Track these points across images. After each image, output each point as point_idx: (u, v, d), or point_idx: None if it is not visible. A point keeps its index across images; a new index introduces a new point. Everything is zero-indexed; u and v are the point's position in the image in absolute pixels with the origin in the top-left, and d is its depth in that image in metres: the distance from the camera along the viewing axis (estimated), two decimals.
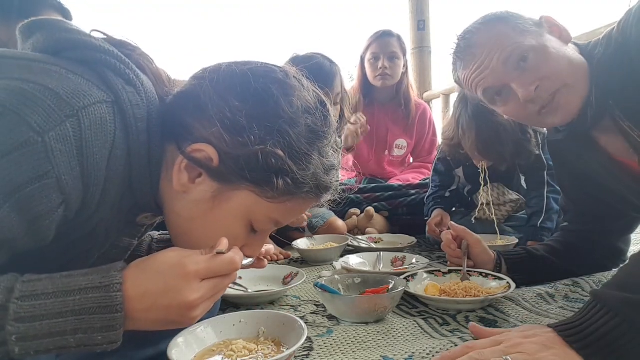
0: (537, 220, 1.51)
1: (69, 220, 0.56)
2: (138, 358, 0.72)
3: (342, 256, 1.42)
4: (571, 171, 1.08)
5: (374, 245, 1.68)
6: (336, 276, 1.06)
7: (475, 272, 1.09)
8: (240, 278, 1.14)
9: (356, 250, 1.62)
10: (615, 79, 0.84)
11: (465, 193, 1.80)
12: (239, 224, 0.64)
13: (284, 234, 1.73)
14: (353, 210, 1.99)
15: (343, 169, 2.17)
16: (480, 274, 1.08)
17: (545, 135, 1.45)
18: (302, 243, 1.61)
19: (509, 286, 0.98)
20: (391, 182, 2.26)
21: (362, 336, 0.83)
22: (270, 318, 0.78)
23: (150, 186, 0.63)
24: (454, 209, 1.85)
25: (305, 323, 0.73)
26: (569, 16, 0.94)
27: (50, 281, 0.50)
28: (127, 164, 0.59)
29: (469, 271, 1.10)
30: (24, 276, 0.50)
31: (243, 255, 0.61)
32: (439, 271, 1.13)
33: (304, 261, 1.55)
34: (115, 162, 0.57)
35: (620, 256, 1.13)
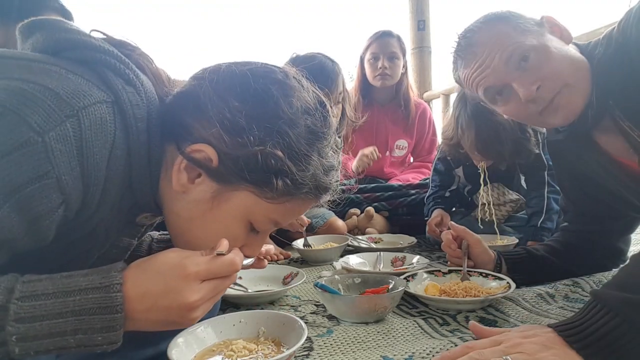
0: (537, 220, 1.51)
1: (69, 220, 0.56)
2: (138, 358, 0.72)
3: (342, 256, 1.42)
4: (571, 171, 1.08)
5: (374, 245, 1.68)
6: (336, 276, 1.06)
7: (475, 272, 1.09)
8: (240, 278, 1.14)
9: (356, 250, 1.62)
10: (615, 79, 0.84)
11: (465, 193, 1.80)
12: (239, 225, 0.64)
13: (284, 234, 1.73)
14: (353, 210, 1.99)
15: (343, 177, 2.17)
16: (480, 274, 1.08)
17: (545, 135, 1.45)
18: (302, 243, 1.61)
19: (509, 286, 0.98)
20: (391, 183, 2.27)
21: (362, 336, 0.83)
22: (270, 318, 0.78)
23: (149, 186, 0.63)
24: (454, 209, 1.85)
25: (305, 323, 0.73)
26: (569, 16, 0.94)
27: (50, 281, 0.50)
28: (127, 164, 0.59)
29: (469, 271, 1.10)
30: (24, 276, 0.50)
31: (243, 256, 0.60)
32: (439, 271, 1.13)
33: (304, 261, 1.55)
34: (115, 162, 0.56)
35: (620, 256, 1.13)
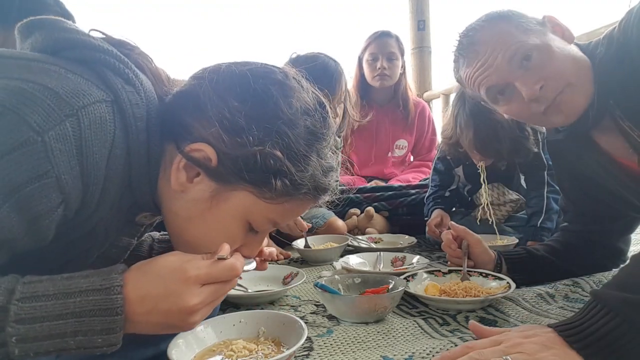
0: (537, 220, 1.51)
1: (69, 219, 0.56)
2: (138, 358, 0.72)
3: (342, 256, 1.42)
4: (571, 171, 1.08)
5: (374, 245, 1.68)
6: (336, 276, 1.06)
7: (475, 272, 1.09)
8: (240, 278, 1.13)
9: (356, 250, 1.62)
10: (616, 79, 0.84)
11: (465, 193, 1.80)
12: (237, 224, 0.64)
13: (284, 234, 1.73)
14: (353, 210, 1.99)
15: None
16: (480, 274, 1.08)
17: (545, 135, 1.45)
18: (302, 243, 1.61)
19: (509, 286, 0.98)
20: (391, 183, 2.26)
21: (362, 336, 0.83)
22: (270, 318, 0.78)
23: (148, 185, 0.63)
24: (454, 209, 1.85)
25: (305, 323, 0.73)
26: (569, 16, 0.94)
27: (51, 283, 0.49)
28: (127, 163, 0.59)
29: (469, 271, 1.10)
30: (25, 277, 0.49)
31: (244, 260, 0.60)
32: (439, 271, 1.13)
33: (304, 261, 1.55)
34: (114, 162, 0.56)
35: (620, 256, 1.13)
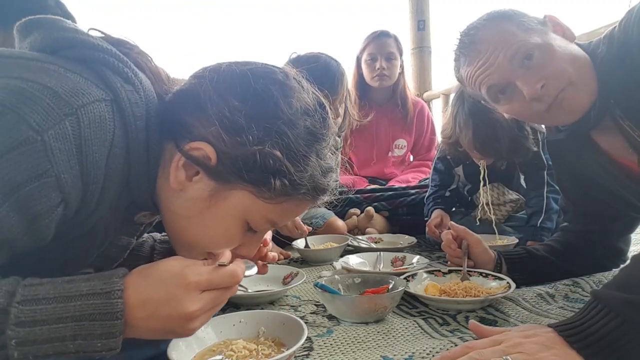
0: (537, 220, 1.51)
1: (68, 219, 0.56)
2: (138, 358, 0.72)
3: (342, 256, 1.42)
4: (571, 171, 1.08)
5: (374, 245, 1.68)
6: (336, 276, 1.06)
7: (475, 272, 1.09)
8: (243, 287, 1.13)
9: (356, 250, 1.62)
10: (616, 78, 0.84)
11: (465, 192, 1.80)
12: (235, 224, 0.64)
13: (284, 234, 1.73)
14: (353, 210, 1.99)
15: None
16: (480, 274, 1.08)
17: (545, 134, 1.45)
18: (302, 243, 1.61)
19: (509, 286, 0.98)
20: (391, 184, 2.26)
21: (362, 336, 0.83)
22: (270, 318, 0.78)
23: (147, 184, 0.63)
24: (454, 209, 1.85)
25: (305, 323, 0.73)
26: (569, 16, 0.94)
27: (52, 286, 0.49)
28: (126, 162, 0.59)
29: (469, 271, 1.10)
30: (26, 280, 0.49)
31: (244, 267, 0.60)
32: (439, 271, 1.13)
33: (304, 261, 1.55)
34: (114, 160, 0.56)
35: (620, 256, 1.13)
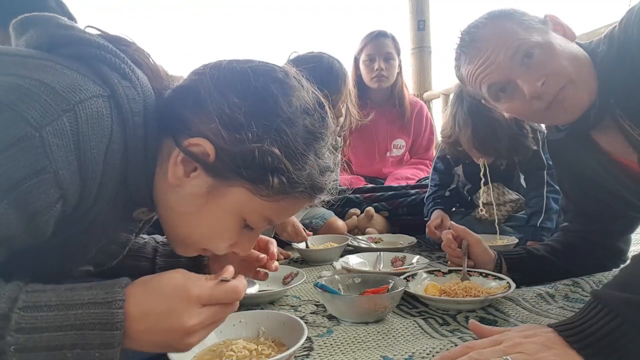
0: (537, 220, 1.51)
1: (67, 215, 0.55)
2: (138, 358, 0.72)
3: (342, 256, 1.42)
4: (571, 171, 1.08)
5: (374, 245, 1.68)
6: (336, 276, 1.06)
7: (475, 272, 1.09)
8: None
9: (356, 250, 1.62)
10: (616, 77, 0.84)
11: (465, 192, 1.80)
12: (232, 220, 0.64)
13: None
14: (353, 210, 1.99)
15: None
16: (480, 274, 1.08)
17: (545, 134, 1.45)
18: (302, 243, 1.61)
19: (509, 286, 0.98)
20: (389, 181, 2.26)
21: (362, 336, 0.83)
22: (270, 318, 0.78)
23: (145, 181, 0.63)
24: (454, 209, 1.85)
25: (305, 323, 0.73)
26: (569, 16, 0.94)
27: (54, 293, 0.49)
28: (124, 158, 0.59)
29: (469, 271, 1.10)
30: (28, 286, 0.49)
31: (246, 283, 0.60)
32: (439, 271, 1.13)
33: (304, 261, 1.55)
34: (112, 156, 0.56)
35: (620, 256, 1.13)
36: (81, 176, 0.53)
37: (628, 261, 0.72)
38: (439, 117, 2.51)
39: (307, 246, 1.59)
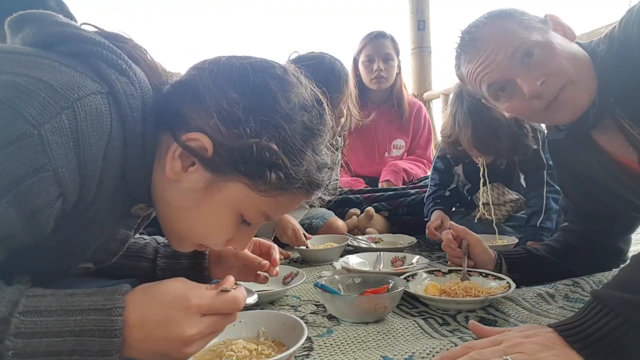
0: (537, 220, 1.51)
1: (66, 213, 0.55)
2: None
3: (342, 256, 1.42)
4: (571, 171, 1.08)
5: (374, 245, 1.68)
6: (336, 276, 1.06)
7: (475, 272, 1.09)
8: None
9: (356, 250, 1.62)
10: (616, 77, 0.84)
11: (464, 192, 1.80)
12: (229, 216, 0.64)
13: None
14: (353, 210, 1.99)
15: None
16: (480, 274, 1.08)
17: (545, 134, 1.45)
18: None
19: (509, 286, 0.98)
20: (385, 173, 2.25)
21: (362, 336, 0.83)
22: (270, 318, 0.78)
23: (143, 177, 0.63)
24: (454, 209, 1.85)
25: (305, 323, 0.73)
26: (569, 16, 0.94)
27: (54, 298, 0.49)
28: (123, 155, 0.59)
29: (469, 271, 1.10)
30: (29, 290, 0.49)
31: (246, 294, 0.60)
32: (439, 271, 1.12)
33: (304, 261, 1.55)
34: (112, 153, 0.56)
35: (620, 256, 1.13)
36: (80, 174, 0.53)
37: (628, 261, 0.72)
38: (439, 117, 2.51)
39: (307, 246, 1.59)
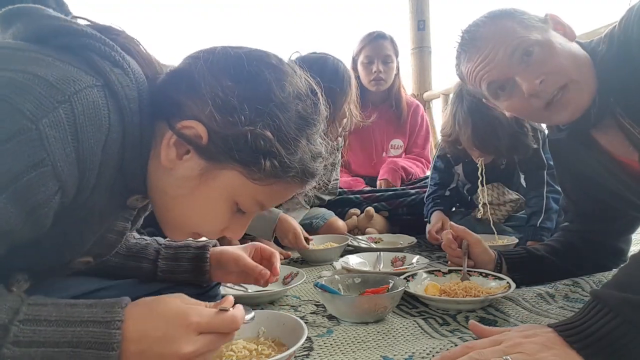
0: (537, 220, 1.51)
1: (65, 206, 0.55)
2: None
3: (342, 256, 1.42)
4: (572, 171, 1.08)
5: (374, 245, 1.68)
6: (336, 276, 1.06)
7: (475, 272, 1.09)
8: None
9: (356, 250, 1.62)
10: (616, 76, 0.84)
11: (465, 192, 1.80)
12: (224, 204, 0.64)
13: None
14: (353, 210, 1.99)
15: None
16: (480, 274, 1.08)
17: (545, 133, 1.45)
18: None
19: (509, 286, 0.98)
20: (384, 171, 2.25)
21: (362, 336, 0.83)
22: (270, 318, 0.78)
23: (140, 168, 0.63)
24: (454, 209, 1.85)
25: (305, 323, 0.73)
26: (569, 16, 0.94)
27: (54, 308, 0.49)
28: (122, 146, 0.59)
29: (469, 271, 1.10)
30: (30, 298, 0.49)
31: (244, 314, 0.60)
32: (439, 271, 1.13)
33: (304, 261, 1.55)
34: (111, 145, 0.56)
35: (620, 256, 1.13)
36: (79, 167, 0.53)
37: (627, 261, 0.72)
38: (439, 117, 2.51)
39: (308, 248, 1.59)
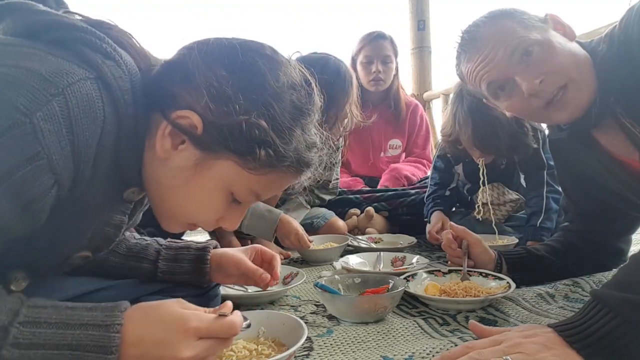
0: (537, 220, 1.51)
1: (61, 199, 0.55)
2: None
3: (342, 256, 1.42)
4: (572, 170, 1.08)
5: (374, 245, 1.68)
6: (336, 276, 1.06)
7: (475, 272, 1.09)
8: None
9: (356, 250, 1.62)
10: (617, 76, 0.84)
11: (465, 192, 1.80)
12: (220, 194, 0.64)
13: None
14: (353, 210, 1.99)
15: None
16: (480, 274, 1.08)
17: (545, 133, 1.45)
18: None
19: (509, 286, 0.98)
20: (385, 179, 2.25)
21: (362, 336, 0.83)
22: (270, 318, 0.78)
23: (135, 159, 0.63)
24: (454, 209, 1.85)
25: (305, 323, 0.73)
26: (569, 16, 0.94)
27: (54, 310, 0.50)
28: (117, 138, 0.59)
29: (469, 271, 1.10)
30: (30, 300, 0.50)
31: (243, 319, 0.60)
32: (439, 271, 1.13)
33: (304, 261, 1.55)
34: (106, 138, 0.56)
35: (620, 256, 1.13)
36: (74, 160, 0.53)
37: (627, 261, 0.72)
38: (439, 117, 2.50)
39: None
